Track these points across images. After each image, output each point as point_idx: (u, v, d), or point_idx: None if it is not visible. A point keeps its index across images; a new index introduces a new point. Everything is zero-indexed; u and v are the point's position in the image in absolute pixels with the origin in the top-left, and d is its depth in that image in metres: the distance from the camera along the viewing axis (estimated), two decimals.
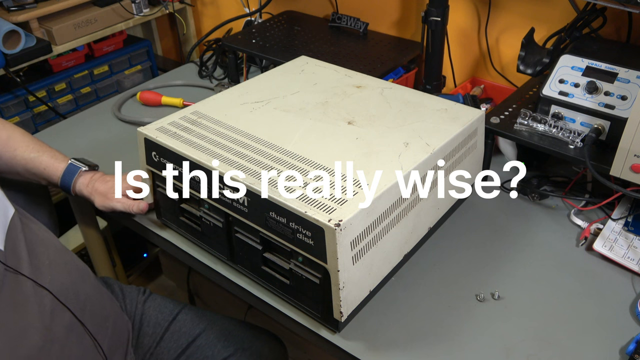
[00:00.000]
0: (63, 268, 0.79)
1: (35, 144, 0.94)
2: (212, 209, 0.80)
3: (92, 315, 0.81)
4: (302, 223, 0.67)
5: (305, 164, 0.75)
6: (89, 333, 0.78)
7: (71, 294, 0.77)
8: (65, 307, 0.75)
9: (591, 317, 0.77)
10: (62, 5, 1.50)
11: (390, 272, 0.80)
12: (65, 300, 0.75)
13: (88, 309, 0.80)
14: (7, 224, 0.74)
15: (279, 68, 1.05)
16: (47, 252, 0.78)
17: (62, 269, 0.79)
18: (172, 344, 0.97)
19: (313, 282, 0.71)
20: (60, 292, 0.75)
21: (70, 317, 0.75)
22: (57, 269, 0.77)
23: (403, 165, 0.75)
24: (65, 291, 0.76)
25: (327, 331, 0.75)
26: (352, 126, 0.84)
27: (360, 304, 0.75)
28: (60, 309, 0.74)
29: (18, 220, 0.76)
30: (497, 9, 1.20)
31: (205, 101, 0.92)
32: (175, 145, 0.80)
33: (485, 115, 0.92)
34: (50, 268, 0.76)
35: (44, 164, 0.93)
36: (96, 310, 0.83)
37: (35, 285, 0.71)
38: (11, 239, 0.73)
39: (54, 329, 0.72)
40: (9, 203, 0.77)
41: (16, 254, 0.72)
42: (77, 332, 0.76)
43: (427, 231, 0.86)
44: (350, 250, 0.67)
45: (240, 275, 0.84)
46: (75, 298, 0.78)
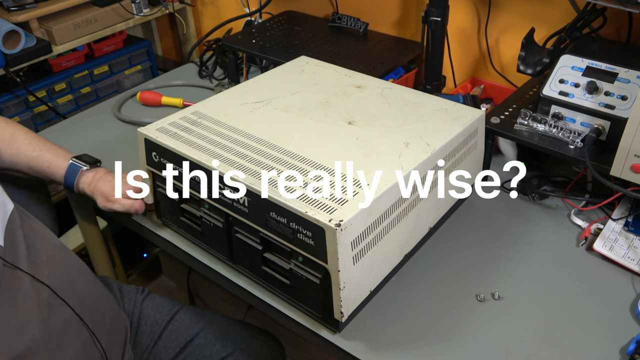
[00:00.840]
0: (61, 264, 0.79)
1: (38, 142, 0.94)
2: (212, 209, 0.80)
3: (91, 310, 0.81)
4: (303, 223, 0.67)
5: (306, 164, 0.75)
6: (88, 328, 0.78)
7: (69, 289, 0.77)
8: (64, 302, 0.75)
9: (591, 317, 0.77)
10: (62, 5, 1.50)
11: (390, 272, 0.80)
12: (63, 295, 0.75)
13: (87, 305, 0.80)
14: (7, 219, 0.74)
15: (279, 68, 1.05)
16: (45, 247, 0.78)
17: (60, 265, 0.79)
18: (170, 343, 0.97)
19: (313, 282, 0.70)
20: (58, 287, 0.75)
21: (69, 311, 0.76)
22: (55, 264, 0.77)
23: (403, 165, 0.75)
24: (63, 286, 0.76)
25: (328, 331, 0.75)
26: (352, 126, 0.84)
27: (360, 304, 0.75)
28: (58, 304, 0.74)
29: (17, 216, 0.76)
30: (497, 9, 1.20)
31: (206, 101, 0.92)
32: (176, 146, 0.80)
33: (485, 115, 0.92)
34: (48, 263, 0.76)
35: (47, 162, 0.93)
36: (94, 306, 0.83)
37: (33, 280, 0.72)
38: (10, 234, 0.73)
39: (53, 322, 0.72)
40: (8, 198, 0.77)
41: (15, 249, 0.72)
42: (76, 327, 0.77)
43: (427, 231, 0.85)
44: (351, 250, 0.67)
45: (240, 275, 0.84)
46: (73, 293, 0.78)
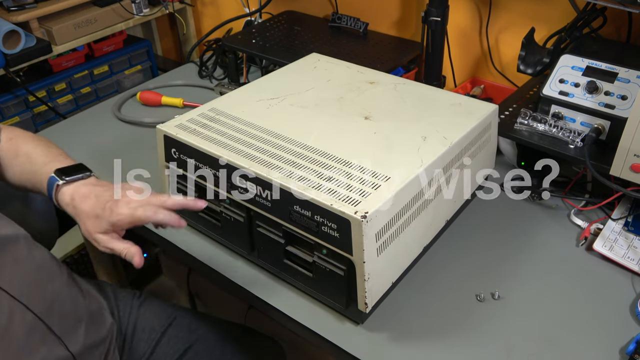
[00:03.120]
0: (29, 267, 0.73)
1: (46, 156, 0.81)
2: (233, 204, 0.80)
3: (61, 316, 0.76)
4: (328, 216, 0.68)
5: (327, 158, 0.76)
6: (54, 333, 0.74)
7: (35, 294, 0.72)
8: (27, 308, 0.70)
9: (591, 317, 0.77)
10: (62, 5, 1.50)
11: (410, 263, 0.80)
12: (27, 301, 0.70)
13: (56, 310, 0.75)
14: None
15: (290, 65, 1.06)
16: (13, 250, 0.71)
17: (27, 268, 0.73)
18: (169, 349, 0.94)
19: (337, 274, 0.71)
20: (20, 292, 0.70)
21: (33, 317, 0.71)
22: (21, 268, 0.72)
23: (423, 158, 0.76)
24: (27, 292, 0.71)
25: (351, 323, 0.76)
26: (369, 121, 0.85)
27: (382, 296, 0.76)
28: (20, 310, 0.70)
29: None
30: (497, 8, 1.20)
31: (221, 98, 0.93)
32: (197, 142, 0.80)
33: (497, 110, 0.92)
34: (12, 267, 0.70)
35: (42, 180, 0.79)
36: (66, 311, 0.77)
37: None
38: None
39: (12, 328, 0.68)
40: None
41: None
42: (40, 332, 0.72)
43: (444, 224, 0.87)
44: (375, 242, 0.68)
45: (240, 275, 0.84)
46: (40, 299, 0.73)
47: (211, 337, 0.98)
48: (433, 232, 0.84)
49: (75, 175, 0.77)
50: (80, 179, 0.77)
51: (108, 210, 0.73)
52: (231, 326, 1.03)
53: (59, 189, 0.76)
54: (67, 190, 0.76)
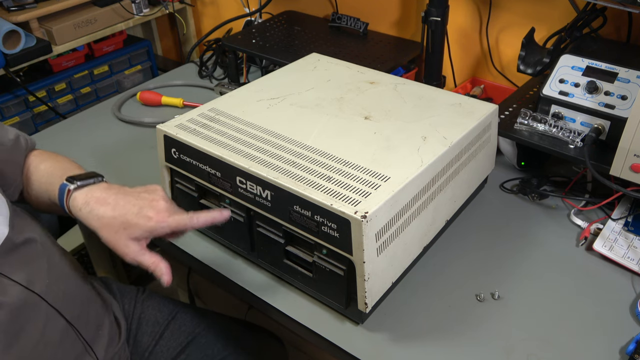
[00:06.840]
0: (62, 272, 0.79)
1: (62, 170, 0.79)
2: (233, 204, 0.80)
3: (87, 322, 0.80)
4: (328, 216, 0.68)
5: (326, 158, 0.76)
6: (83, 339, 0.78)
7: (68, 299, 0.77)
8: (59, 314, 0.74)
9: (591, 317, 0.77)
10: (62, 5, 1.50)
11: (410, 263, 0.80)
12: (60, 307, 0.74)
13: (83, 315, 0.79)
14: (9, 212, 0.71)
15: (290, 65, 1.06)
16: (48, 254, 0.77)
17: (60, 273, 0.78)
18: (171, 342, 0.97)
19: (337, 274, 0.71)
20: (55, 299, 0.74)
21: (65, 323, 0.75)
22: (55, 273, 0.77)
23: (423, 158, 0.76)
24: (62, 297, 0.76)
25: (351, 323, 0.76)
26: (369, 121, 0.85)
27: (382, 296, 0.76)
28: (55, 316, 0.74)
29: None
30: (497, 8, 1.20)
31: (221, 98, 0.93)
32: (197, 142, 0.80)
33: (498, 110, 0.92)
34: (48, 273, 0.75)
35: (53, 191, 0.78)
36: (90, 316, 0.82)
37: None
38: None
39: (47, 334, 0.72)
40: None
41: None
42: (71, 338, 0.76)
43: (444, 224, 0.87)
44: (375, 242, 0.68)
45: (240, 275, 0.84)
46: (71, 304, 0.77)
47: (213, 330, 0.99)
48: (433, 232, 0.84)
49: (87, 180, 0.74)
50: (92, 184, 0.75)
51: (144, 217, 0.69)
52: (233, 321, 1.04)
53: (70, 194, 0.73)
54: (79, 195, 0.73)
